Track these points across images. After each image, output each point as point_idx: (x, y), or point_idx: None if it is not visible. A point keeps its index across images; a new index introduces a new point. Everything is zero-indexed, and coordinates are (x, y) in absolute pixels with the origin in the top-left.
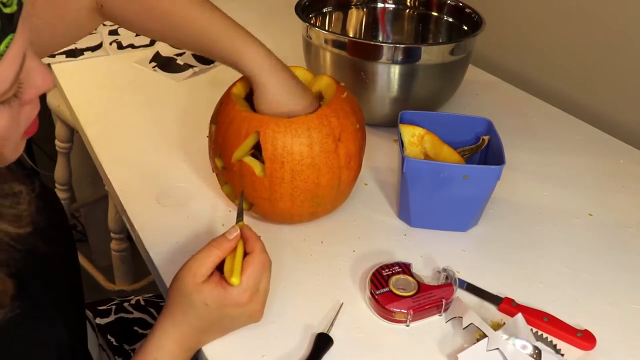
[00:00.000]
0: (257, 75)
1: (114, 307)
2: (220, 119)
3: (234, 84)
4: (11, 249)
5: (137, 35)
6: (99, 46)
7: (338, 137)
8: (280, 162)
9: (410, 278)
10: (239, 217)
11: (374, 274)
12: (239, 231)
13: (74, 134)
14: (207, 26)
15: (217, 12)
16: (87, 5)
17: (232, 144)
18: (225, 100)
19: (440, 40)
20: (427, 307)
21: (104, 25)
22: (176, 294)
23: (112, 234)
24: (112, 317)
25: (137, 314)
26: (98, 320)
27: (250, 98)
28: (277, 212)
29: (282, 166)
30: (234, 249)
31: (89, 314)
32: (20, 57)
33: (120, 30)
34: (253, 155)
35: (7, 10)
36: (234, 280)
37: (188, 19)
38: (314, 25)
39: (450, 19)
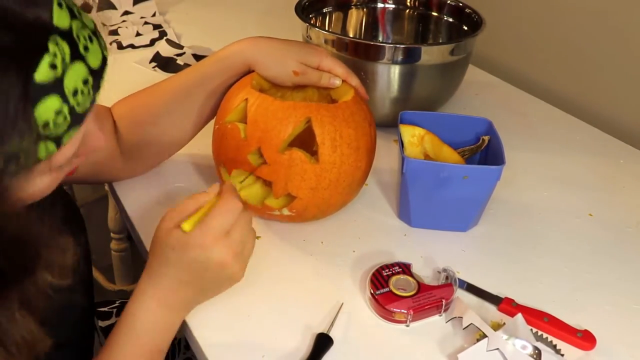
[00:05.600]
0: (249, 53)
1: (115, 309)
2: (255, 113)
3: (242, 84)
4: (50, 299)
5: (137, 35)
6: None
7: (370, 122)
8: (333, 146)
9: (410, 278)
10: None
11: (374, 274)
12: (218, 187)
13: None
14: (183, 75)
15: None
16: (114, 129)
17: (278, 134)
18: (252, 97)
19: (440, 40)
20: (427, 307)
21: (104, 25)
22: (152, 245)
23: (112, 234)
24: (113, 320)
25: None
26: (100, 323)
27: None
28: (316, 204)
29: (335, 150)
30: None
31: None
32: (80, 139)
33: (120, 30)
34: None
35: (79, 110)
36: (185, 225)
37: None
38: (314, 25)
39: (450, 19)
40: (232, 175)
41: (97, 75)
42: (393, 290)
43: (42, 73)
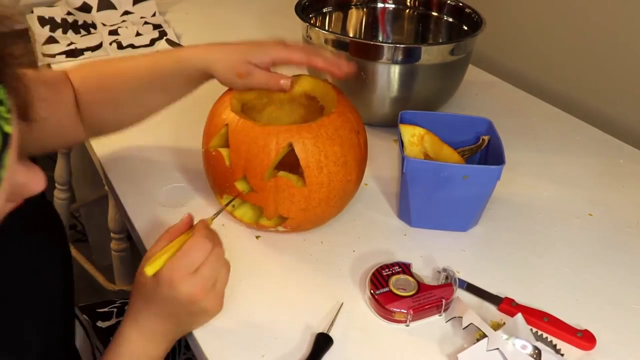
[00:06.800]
0: (202, 59)
1: (115, 310)
2: (236, 140)
3: (223, 105)
4: None
5: (137, 35)
6: (99, 46)
7: (357, 130)
8: (319, 167)
9: (410, 278)
10: (215, 215)
11: (374, 274)
12: (190, 216)
13: None
14: (144, 62)
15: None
16: (72, 97)
17: (262, 162)
18: (232, 122)
19: (440, 40)
20: (427, 307)
21: (104, 25)
22: (133, 284)
23: (112, 234)
24: (113, 321)
25: None
26: (99, 324)
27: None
28: (310, 220)
29: (321, 171)
30: (180, 235)
31: (83, 317)
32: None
33: (120, 30)
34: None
35: None
36: (147, 269)
37: (129, 71)
38: (314, 25)
39: (450, 19)
40: (224, 198)
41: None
42: (393, 290)
43: None
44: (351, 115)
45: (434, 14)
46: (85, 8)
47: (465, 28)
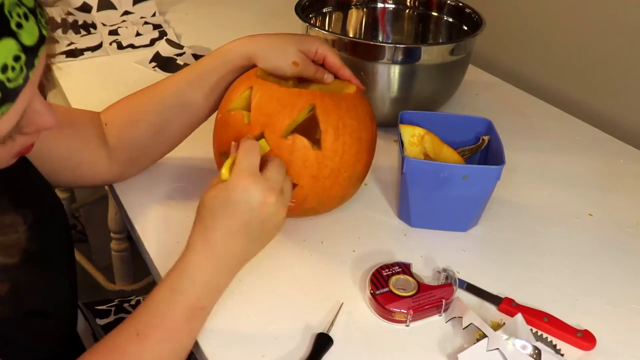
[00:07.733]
0: (249, 47)
1: (113, 308)
2: (259, 101)
3: (247, 75)
4: None
5: (137, 35)
6: (99, 46)
7: (372, 117)
8: (336, 134)
9: (410, 278)
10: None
11: (374, 274)
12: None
13: None
14: (181, 72)
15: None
16: (99, 134)
17: (282, 119)
18: (256, 85)
19: (440, 40)
20: (427, 307)
21: (104, 25)
22: (199, 207)
23: (112, 234)
24: (111, 318)
25: None
26: (98, 321)
27: None
28: (317, 193)
29: (337, 139)
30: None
31: (87, 311)
32: (17, 117)
33: (120, 30)
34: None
35: (10, 85)
36: (223, 172)
37: (166, 87)
38: (314, 25)
39: (450, 19)
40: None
41: (31, 52)
42: (393, 290)
43: None
44: (367, 102)
45: (434, 14)
46: (85, 8)
47: (465, 28)
